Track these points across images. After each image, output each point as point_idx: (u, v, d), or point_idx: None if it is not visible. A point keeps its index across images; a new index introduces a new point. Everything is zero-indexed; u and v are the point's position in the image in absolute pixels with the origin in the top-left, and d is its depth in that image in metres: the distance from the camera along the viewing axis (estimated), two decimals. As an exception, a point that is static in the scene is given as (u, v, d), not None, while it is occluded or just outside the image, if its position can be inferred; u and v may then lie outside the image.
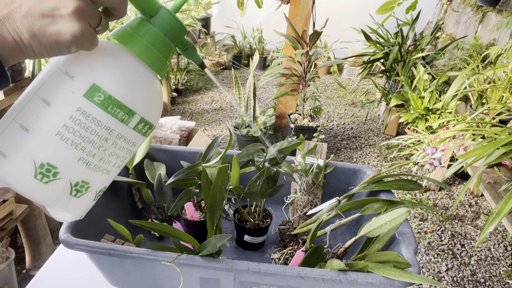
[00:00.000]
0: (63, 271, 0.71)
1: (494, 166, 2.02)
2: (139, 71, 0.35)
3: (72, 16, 0.29)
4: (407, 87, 2.51)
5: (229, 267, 0.54)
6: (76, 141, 0.33)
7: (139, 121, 0.36)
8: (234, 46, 4.65)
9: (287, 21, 2.32)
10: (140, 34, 0.35)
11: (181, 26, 0.37)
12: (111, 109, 0.33)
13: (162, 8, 0.36)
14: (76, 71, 0.32)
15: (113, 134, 0.34)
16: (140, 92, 0.35)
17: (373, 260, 0.58)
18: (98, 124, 0.33)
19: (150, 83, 0.36)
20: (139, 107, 0.35)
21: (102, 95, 0.32)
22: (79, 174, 0.34)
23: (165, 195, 0.81)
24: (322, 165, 0.85)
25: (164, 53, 0.36)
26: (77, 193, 0.35)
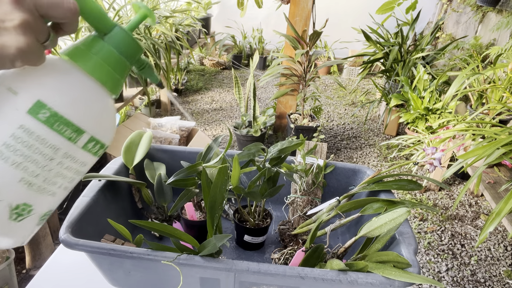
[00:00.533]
0: (63, 271, 0.71)
1: (494, 166, 2.02)
2: (90, 88, 0.33)
3: (18, 29, 0.28)
4: (407, 87, 2.51)
5: (229, 267, 0.54)
6: (17, 160, 0.30)
7: (89, 140, 0.34)
8: (234, 46, 4.65)
9: (287, 21, 2.32)
10: (92, 51, 0.34)
11: (137, 44, 0.36)
12: (58, 127, 0.31)
13: (116, 26, 0.35)
14: (20, 86, 0.31)
15: (59, 153, 0.32)
16: (90, 110, 0.33)
17: (373, 260, 0.58)
18: (42, 142, 0.31)
19: (101, 101, 0.34)
20: (88, 125, 0.33)
21: (47, 112, 0.30)
22: (20, 196, 0.31)
23: (165, 195, 0.81)
24: (322, 165, 0.85)
25: (117, 71, 0.35)
26: (17, 217, 0.32)
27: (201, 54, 4.64)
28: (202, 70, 4.53)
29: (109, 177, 0.74)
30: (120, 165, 0.80)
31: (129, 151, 0.82)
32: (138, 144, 0.84)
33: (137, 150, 0.83)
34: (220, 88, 3.95)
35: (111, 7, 2.00)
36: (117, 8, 2.01)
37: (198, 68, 4.60)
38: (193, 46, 3.73)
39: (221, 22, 4.79)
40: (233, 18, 4.62)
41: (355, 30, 3.04)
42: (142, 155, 0.82)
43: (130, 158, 0.81)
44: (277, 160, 0.74)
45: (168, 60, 2.26)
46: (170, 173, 0.85)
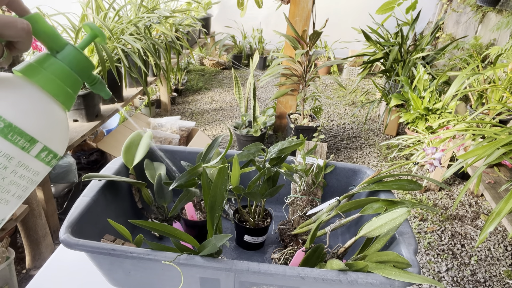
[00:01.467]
0: (63, 271, 0.71)
1: (494, 166, 2.02)
2: (43, 101, 0.35)
3: None
4: (407, 87, 2.51)
5: (229, 267, 0.54)
6: None
7: (42, 149, 0.35)
8: (234, 46, 4.65)
9: (287, 21, 2.32)
10: (44, 67, 0.35)
11: (88, 61, 0.38)
12: (11, 137, 0.32)
13: (68, 44, 0.37)
14: None
15: (13, 162, 0.33)
16: (43, 121, 0.35)
17: (373, 260, 0.58)
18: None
19: (54, 113, 0.36)
20: (41, 135, 0.35)
21: (1, 123, 0.32)
22: None
23: (165, 195, 0.81)
24: (322, 165, 0.85)
25: (69, 85, 0.37)
26: None
27: (201, 54, 4.64)
28: (202, 70, 4.53)
29: (109, 177, 0.74)
30: (120, 165, 0.80)
31: (129, 151, 0.82)
32: (138, 144, 0.84)
33: (137, 150, 0.83)
34: (220, 88, 3.95)
35: (111, 7, 2.00)
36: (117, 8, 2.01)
37: (198, 68, 4.59)
38: (193, 46, 3.73)
39: (221, 22, 4.80)
40: (233, 18, 4.62)
41: (355, 30, 3.04)
42: (142, 155, 0.82)
43: (130, 158, 0.81)
44: (277, 160, 0.74)
45: (168, 60, 2.26)
46: (170, 173, 0.85)
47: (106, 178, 0.73)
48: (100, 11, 1.95)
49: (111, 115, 1.87)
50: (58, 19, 1.74)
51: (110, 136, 2.04)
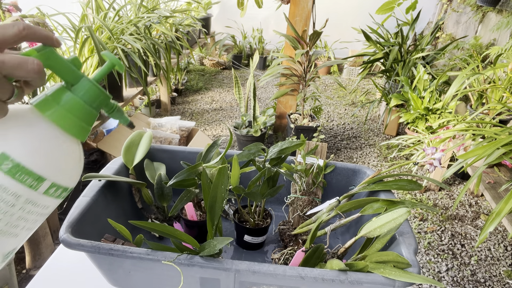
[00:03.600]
0: (63, 271, 0.71)
1: (494, 166, 2.02)
2: (54, 138, 0.35)
3: None
4: (407, 87, 2.51)
5: (229, 267, 0.54)
6: None
7: (50, 186, 0.35)
8: (234, 46, 4.65)
9: (287, 21, 2.32)
10: (58, 101, 0.35)
11: (103, 93, 0.38)
12: (19, 176, 0.33)
13: (83, 77, 0.37)
14: None
15: (21, 200, 0.34)
16: (52, 158, 0.35)
17: (373, 260, 0.58)
18: (4, 190, 0.33)
19: (65, 148, 0.36)
20: (49, 173, 0.35)
21: (10, 163, 0.32)
22: None
23: (165, 195, 0.81)
24: (322, 165, 0.85)
25: (84, 119, 0.37)
26: None
27: (201, 54, 4.64)
28: (202, 70, 4.53)
29: (109, 177, 0.74)
30: (120, 165, 0.80)
31: (129, 151, 0.82)
32: (138, 144, 0.84)
33: (137, 150, 0.83)
34: (220, 88, 3.95)
35: (111, 7, 2.00)
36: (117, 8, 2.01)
37: (198, 68, 4.60)
38: (193, 46, 3.73)
39: (221, 22, 4.80)
40: (233, 18, 4.62)
41: (355, 30, 3.04)
42: (142, 155, 0.82)
43: (130, 158, 0.81)
44: (277, 160, 0.74)
45: (168, 60, 2.26)
46: (170, 173, 0.85)
47: (106, 178, 0.73)
48: (100, 11, 1.95)
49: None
50: (58, 19, 1.74)
51: (110, 136, 2.04)
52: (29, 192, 0.34)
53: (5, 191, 0.33)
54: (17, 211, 0.34)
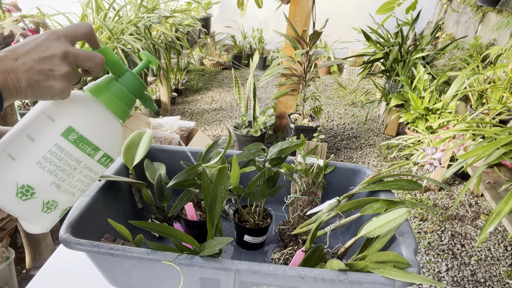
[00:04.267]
0: (63, 271, 0.71)
1: (494, 166, 2.02)
2: (106, 117, 0.45)
3: (62, 77, 0.39)
4: (407, 87, 2.51)
5: (229, 267, 0.54)
6: (51, 169, 0.42)
7: (102, 156, 0.45)
8: (234, 46, 4.65)
9: (287, 21, 2.32)
10: (108, 88, 0.45)
11: (142, 84, 0.48)
12: (81, 146, 0.43)
13: (128, 71, 0.46)
14: (56, 115, 0.42)
15: (81, 165, 0.44)
16: (105, 133, 0.45)
17: (373, 260, 0.58)
18: (70, 156, 0.42)
19: (113, 126, 0.46)
20: (103, 145, 0.44)
21: (75, 135, 0.42)
22: (51, 194, 0.43)
23: (165, 195, 0.81)
24: (322, 165, 0.85)
25: (126, 104, 0.46)
26: (47, 210, 0.43)
27: (201, 54, 4.64)
28: (202, 70, 4.53)
29: (109, 177, 0.74)
30: (120, 165, 0.80)
31: (129, 151, 0.82)
32: (138, 144, 0.84)
33: (137, 150, 0.83)
34: (220, 88, 3.95)
35: (111, 7, 2.00)
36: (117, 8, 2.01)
37: (198, 68, 4.59)
38: (193, 46, 3.73)
39: (221, 22, 4.79)
40: (233, 18, 4.62)
41: (355, 30, 3.04)
42: (142, 155, 0.82)
43: (130, 158, 0.81)
44: (277, 160, 0.74)
45: (168, 60, 2.26)
46: (170, 173, 0.85)
47: (106, 178, 0.73)
48: (100, 11, 1.95)
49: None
50: (58, 19, 1.74)
51: (110, 136, 2.03)
52: (87, 159, 0.44)
53: (70, 157, 0.42)
54: (77, 174, 0.44)
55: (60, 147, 0.41)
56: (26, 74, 0.37)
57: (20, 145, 0.40)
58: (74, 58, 0.40)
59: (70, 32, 0.41)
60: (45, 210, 0.43)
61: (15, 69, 0.37)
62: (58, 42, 0.39)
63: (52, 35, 0.39)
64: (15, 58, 0.37)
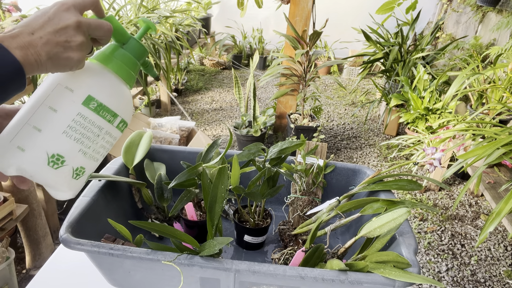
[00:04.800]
0: (63, 271, 0.71)
1: (494, 166, 2.02)
2: (118, 84, 0.46)
3: (78, 47, 0.40)
4: (407, 87, 2.51)
5: (229, 267, 0.54)
6: (77, 137, 0.43)
7: (120, 121, 0.47)
8: (234, 46, 4.65)
9: (287, 21, 2.32)
10: (115, 56, 0.46)
11: (144, 49, 0.49)
12: (102, 113, 0.44)
13: (131, 38, 0.48)
14: (75, 86, 0.43)
15: (103, 131, 0.45)
16: (120, 99, 0.47)
17: (373, 260, 0.58)
18: (93, 124, 0.44)
19: (125, 92, 0.47)
20: (120, 111, 0.46)
21: (95, 103, 0.44)
22: (79, 161, 0.44)
23: (165, 195, 0.81)
24: (322, 165, 0.85)
25: (133, 69, 0.48)
26: (76, 176, 0.45)
27: (201, 54, 4.64)
28: (202, 70, 4.53)
29: (109, 177, 0.74)
30: (120, 165, 0.80)
31: (129, 151, 0.82)
32: (138, 144, 0.84)
33: (137, 150, 0.83)
34: (220, 88, 3.95)
35: (111, 7, 2.00)
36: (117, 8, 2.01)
37: (198, 68, 4.59)
38: (193, 46, 3.73)
39: (221, 22, 4.79)
40: (233, 18, 4.62)
41: (355, 30, 3.04)
42: (142, 155, 0.82)
43: (130, 158, 0.81)
44: (277, 160, 0.74)
45: (168, 60, 2.26)
46: (170, 173, 0.85)
47: (106, 178, 0.73)
48: (100, 11, 1.95)
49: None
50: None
51: (110, 136, 2.04)
52: (108, 125, 0.46)
53: (93, 124, 0.44)
54: (100, 140, 0.45)
55: (83, 115, 0.43)
56: (45, 48, 0.38)
57: (44, 117, 0.41)
58: (86, 27, 0.41)
59: (78, 2, 0.41)
60: (75, 177, 0.45)
61: (33, 43, 0.37)
62: (69, 12, 0.40)
63: (61, 7, 0.40)
64: (31, 33, 0.37)
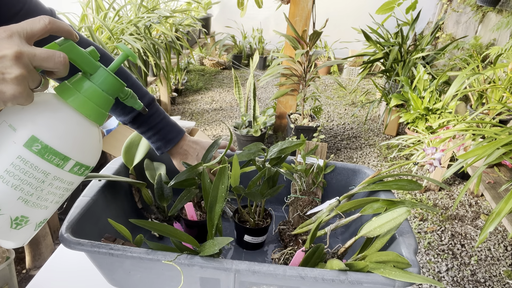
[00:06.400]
0: (63, 271, 0.71)
1: (494, 166, 2.02)
2: (76, 122, 0.40)
3: (14, 81, 0.34)
4: (407, 87, 2.51)
5: (229, 267, 0.54)
6: (15, 183, 0.37)
7: (74, 165, 0.40)
8: (234, 46, 4.65)
9: (287, 21, 2.32)
10: (79, 89, 0.40)
11: (118, 82, 0.42)
12: (47, 156, 0.38)
13: (100, 68, 0.41)
14: (18, 124, 0.37)
15: (49, 177, 0.39)
16: (75, 140, 0.40)
17: (373, 260, 0.58)
18: (35, 169, 0.38)
19: (86, 131, 0.41)
20: (73, 153, 0.40)
21: (39, 145, 0.37)
22: (18, 210, 0.39)
23: (165, 195, 0.81)
24: (322, 165, 0.85)
25: (101, 105, 0.41)
26: (17, 226, 0.39)
27: (201, 54, 4.64)
28: (202, 70, 4.53)
29: (109, 177, 0.74)
30: (120, 165, 0.80)
31: (129, 151, 0.82)
32: (138, 144, 0.84)
33: (137, 150, 0.83)
34: (220, 88, 3.95)
35: (111, 7, 2.00)
36: (117, 8, 2.01)
37: (198, 68, 4.59)
38: (193, 46, 3.73)
39: (221, 22, 4.79)
40: (233, 18, 4.62)
41: (355, 30, 3.04)
42: (142, 155, 0.82)
43: (130, 158, 0.81)
44: (277, 160, 0.74)
45: (168, 60, 2.26)
46: (170, 173, 0.85)
47: (106, 178, 0.73)
48: (100, 11, 1.95)
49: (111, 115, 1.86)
50: (58, 19, 1.74)
51: (110, 136, 2.04)
52: (56, 170, 0.39)
53: (36, 169, 0.38)
54: (46, 186, 0.39)
55: (24, 159, 0.37)
56: None
57: None
58: (29, 59, 0.35)
59: (24, 29, 0.36)
60: (15, 227, 0.39)
61: None
62: (10, 41, 0.34)
63: (2, 33, 0.35)
64: None
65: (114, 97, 0.43)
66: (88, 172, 0.43)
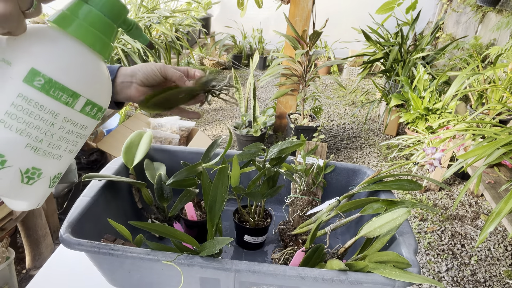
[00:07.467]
0: (63, 271, 0.71)
1: (494, 166, 2.02)
2: (80, 53, 0.34)
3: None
4: (407, 87, 2.51)
5: (229, 267, 0.54)
6: (20, 127, 0.32)
7: (86, 103, 0.35)
8: (234, 46, 4.65)
9: (287, 21, 2.32)
10: (78, 16, 0.34)
11: (121, 4, 0.36)
12: (53, 93, 0.32)
13: None
14: (13, 57, 0.32)
15: (59, 118, 0.34)
16: (83, 74, 0.34)
17: (373, 260, 0.58)
18: (41, 108, 0.32)
19: (93, 64, 0.35)
20: (83, 89, 0.34)
21: (42, 79, 0.32)
22: (28, 160, 0.33)
23: (165, 195, 0.81)
24: (322, 165, 0.85)
25: (105, 33, 0.36)
26: (29, 180, 0.34)
27: (201, 54, 4.64)
28: (202, 70, 4.53)
29: (109, 177, 0.74)
30: (120, 165, 0.80)
31: (129, 151, 0.82)
32: (138, 144, 0.84)
33: (137, 150, 0.83)
34: (220, 88, 3.94)
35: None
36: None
37: (198, 68, 4.59)
38: (193, 46, 3.73)
39: (221, 22, 4.79)
40: (233, 18, 4.62)
41: (355, 30, 3.04)
42: (142, 155, 0.82)
43: (130, 158, 0.81)
44: (277, 160, 0.74)
45: (168, 60, 2.26)
46: (170, 173, 0.85)
47: (106, 178, 0.73)
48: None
49: (111, 115, 1.87)
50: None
51: (110, 136, 2.04)
52: (66, 110, 0.34)
53: (42, 109, 0.32)
54: (57, 130, 0.34)
55: (26, 97, 0.31)
56: None
57: None
58: None
59: None
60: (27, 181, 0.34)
61: None
62: None
63: None
64: None
65: (116, 23, 0.37)
66: (101, 114, 0.37)
